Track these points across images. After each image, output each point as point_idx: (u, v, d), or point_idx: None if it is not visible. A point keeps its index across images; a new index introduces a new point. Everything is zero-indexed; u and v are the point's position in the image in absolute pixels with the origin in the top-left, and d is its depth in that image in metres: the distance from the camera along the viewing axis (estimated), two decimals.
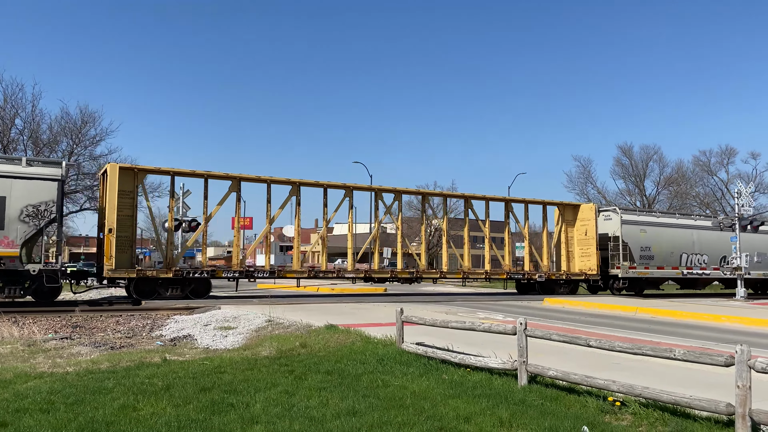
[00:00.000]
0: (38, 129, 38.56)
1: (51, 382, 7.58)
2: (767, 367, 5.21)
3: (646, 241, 29.31)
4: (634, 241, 29.02)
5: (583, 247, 29.07)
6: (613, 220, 29.17)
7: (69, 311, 15.88)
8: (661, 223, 30.91)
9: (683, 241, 30.72)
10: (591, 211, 29.27)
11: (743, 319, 16.40)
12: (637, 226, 29.57)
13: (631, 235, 28.98)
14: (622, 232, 28.59)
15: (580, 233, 29.26)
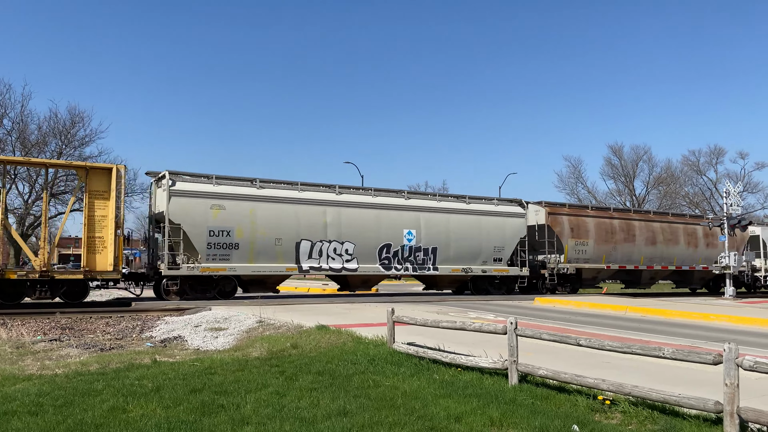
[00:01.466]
0: (26, 129, 38.30)
1: (39, 384, 7.53)
2: (755, 365, 5.26)
3: (223, 223, 20.41)
4: (201, 223, 20.06)
5: None
6: None
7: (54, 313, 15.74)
8: (263, 196, 21.43)
9: (302, 221, 21.89)
10: None
11: (731, 318, 16.52)
12: (204, 200, 20.25)
13: (196, 214, 20.00)
14: (177, 211, 19.71)
15: None
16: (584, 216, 28.95)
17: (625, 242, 29.59)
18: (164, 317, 15.30)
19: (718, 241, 30.47)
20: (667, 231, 31.38)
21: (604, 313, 18.95)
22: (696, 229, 32.32)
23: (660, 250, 30.85)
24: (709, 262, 31.90)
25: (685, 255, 31.78)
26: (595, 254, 28.51)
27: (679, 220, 32.82)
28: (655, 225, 31.19)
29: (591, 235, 28.41)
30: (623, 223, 29.92)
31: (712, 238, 31.93)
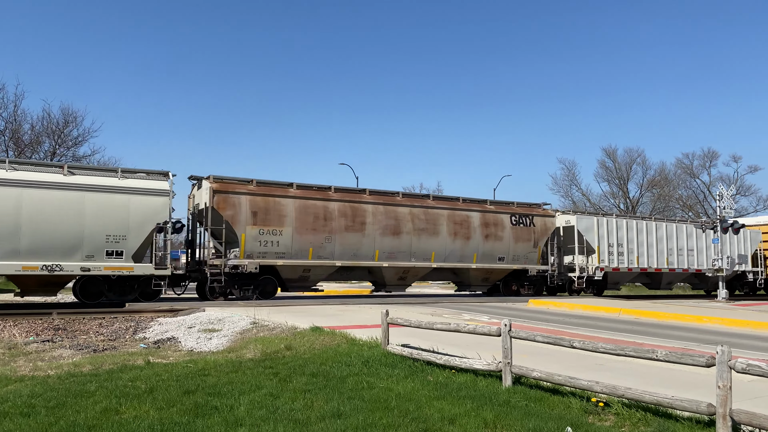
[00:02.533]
0: (20, 129, 38.14)
1: (32, 385, 7.49)
2: (747, 367, 5.28)
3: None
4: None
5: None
6: None
7: (50, 314, 15.67)
8: None
9: None
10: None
11: (724, 320, 16.59)
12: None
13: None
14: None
15: None
16: (279, 196, 21.72)
17: (347, 231, 22.78)
18: (158, 318, 15.25)
19: (502, 232, 26.19)
20: (422, 218, 24.53)
21: (597, 315, 19.01)
22: (470, 217, 25.81)
23: (408, 242, 24.13)
24: (488, 259, 26.10)
25: (450, 249, 25.23)
26: (296, 247, 21.71)
27: (442, 205, 25.51)
28: (401, 210, 24.13)
29: (289, 221, 21.58)
30: (345, 207, 22.92)
31: (495, 229, 26.23)
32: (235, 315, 14.75)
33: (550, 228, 28.11)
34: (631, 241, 29.72)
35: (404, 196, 25.44)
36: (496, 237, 26.30)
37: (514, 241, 26.75)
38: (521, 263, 27.04)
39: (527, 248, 27.11)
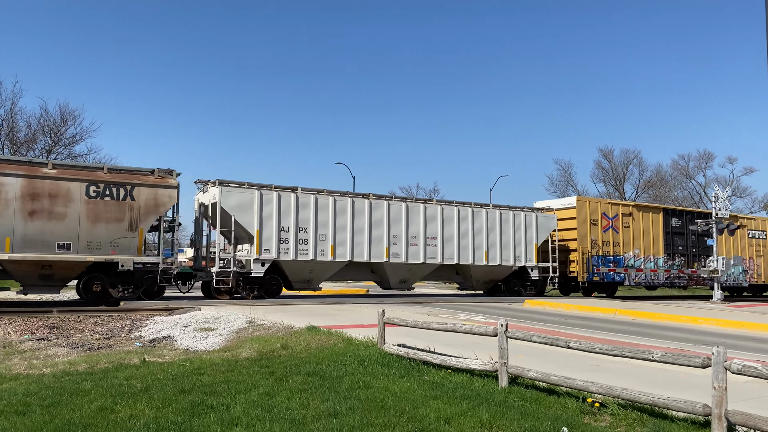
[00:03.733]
0: (16, 127, 38.03)
1: (27, 383, 7.46)
2: (743, 368, 5.30)
3: None
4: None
5: None
6: None
7: (46, 312, 15.64)
8: None
9: None
10: None
11: (720, 321, 16.65)
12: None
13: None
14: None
15: None
16: None
17: None
18: (153, 317, 15.22)
19: (68, 207, 17.52)
20: None
21: (593, 315, 19.05)
22: None
23: None
24: (37, 246, 17.14)
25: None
26: None
27: None
28: None
29: None
30: None
31: (52, 202, 17.43)
32: (231, 314, 14.73)
33: (165, 203, 19.12)
34: (322, 225, 22.25)
35: None
36: (52, 214, 17.42)
37: (90, 221, 17.84)
38: (106, 254, 18.00)
39: (118, 232, 18.16)
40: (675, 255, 30.89)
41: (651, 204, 32.47)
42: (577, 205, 28.47)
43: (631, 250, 29.28)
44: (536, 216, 27.27)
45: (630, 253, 29.26)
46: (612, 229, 28.89)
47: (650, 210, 31.04)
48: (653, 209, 31.32)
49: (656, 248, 30.36)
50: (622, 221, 29.28)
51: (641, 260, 29.67)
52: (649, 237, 30.19)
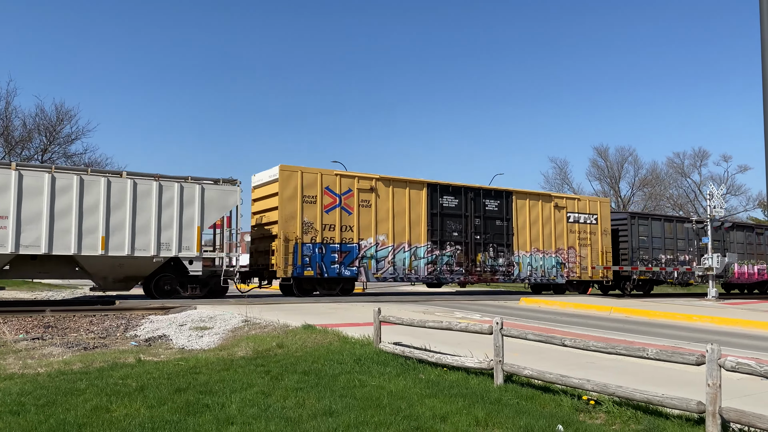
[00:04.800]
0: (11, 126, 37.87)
1: (21, 383, 7.44)
2: (737, 365, 5.32)
3: None
4: None
5: None
6: None
7: (40, 311, 15.59)
8: None
9: None
10: None
11: (714, 319, 16.71)
12: None
13: None
14: None
15: None
16: None
17: None
18: (149, 316, 15.19)
19: None
20: None
21: (588, 313, 19.09)
22: None
23: None
24: None
25: None
26: None
27: None
28: None
29: None
30: None
31: None
32: (226, 313, 14.71)
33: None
34: None
35: None
36: None
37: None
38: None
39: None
40: (446, 243, 24.70)
41: (407, 178, 24.19)
42: (282, 177, 21.63)
43: (372, 237, 22.87)
44: (201, 189, 19.52)
45: (370, 239, 22.83)
46: (342, 209, 22.42)
47: (407, 185, 24.12)
48: (412, 183, 24.28)
49: (416, 234, 24.09)
50: (359, 199, 22.68)
51: (388, 249, 23.17)
52: (403, 219, 23.73)
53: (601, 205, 29.73)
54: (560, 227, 27.87)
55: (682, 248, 31.78)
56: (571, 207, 28.42)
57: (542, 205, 27.50)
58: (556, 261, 27.49)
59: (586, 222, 28.77)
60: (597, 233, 28.95)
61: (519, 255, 26.54)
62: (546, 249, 27.32)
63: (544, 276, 27.09)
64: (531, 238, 26.90)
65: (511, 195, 26.79)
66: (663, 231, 31.13)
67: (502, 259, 26.05)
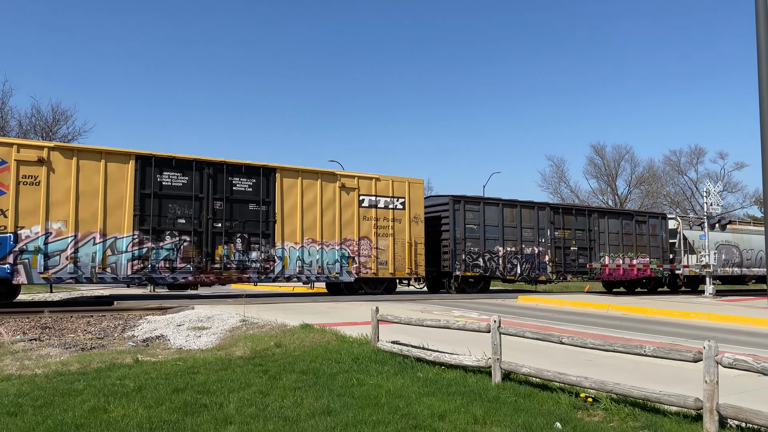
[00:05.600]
0: (7, 126, 37.80)
1: (19, 384, 7.43)
2: (734, 362, 5.33)
3: None
4: None
5: None
6: None
7: (38, 312, 15.56)
8: None
9: None
10: None
11: (711, 316, 16.75)
12: None
13: None
14: None
15: None
16: None
17: None
18: (146, 316, 15.18)
19: None
20: None
21: (586, 311, 19.12)
22: None
23: None
24: None
25: None
26: None
27: None
28: None
29: None
30: None
31: None
32: (224, 313, 14.71)
33: None
34: None
35: None
36: None
37: None
38: None
39: None
40: (165, 233, 19.16)
41: (104, 148, 18.59)
42: None
43: (40, 224, 17.21)
44: None
45: (36, 228, 17.19)
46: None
47: (103, 156, 18.37)
48: (111, 155, 18.52)
49: (115, 221, 18.37)
50: (19, 174, 17.04)
51: (67, 241, 17.56)
52: (95, 202, 18.03)
53: (411, 187, 24.03)
54: (349, 213, 22.48)
55: (530, 239, 26.96)
56: (366, 189, 23.01)
57: (322, 186, 22.03)
58: (342, 254, 22.22)
59: (388, 207, 23.29)
60: (404, 221, 23.61)
61: (285, 247, 21.06)
62: (327, 240, 21.91)
63: (323, 273, 21.81)
64: (305, 226, 21.49)
65: (273, 172, 21.18)
66: (501, 218, 26.24)
67: (256, 253, 20.55)
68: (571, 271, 28.05)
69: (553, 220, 27.66)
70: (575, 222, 28.53)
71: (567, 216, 28.32)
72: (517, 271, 26.51)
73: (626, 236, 30.12)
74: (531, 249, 27.04)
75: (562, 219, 28.08)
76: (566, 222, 28.19)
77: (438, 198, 26.61)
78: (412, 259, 23.76)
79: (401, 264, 23.48)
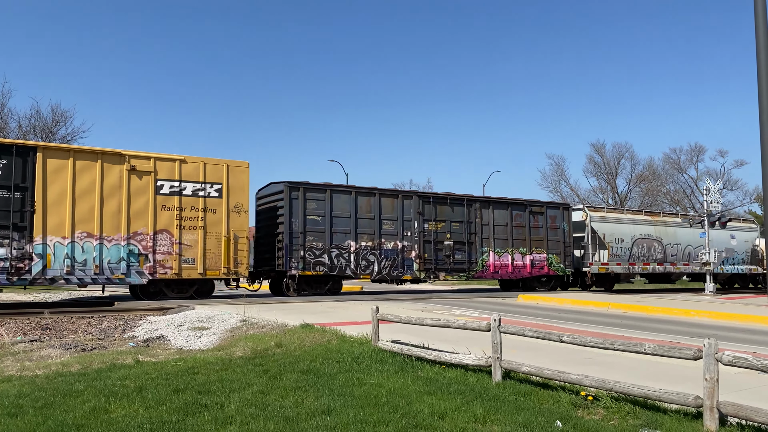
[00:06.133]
0: (6, 127, 37.81)
1: (19, 385, 7.43)
2: (734, 360, 5.34)
3: None
4: None
5: None
6: None
7: (38, 313, 15.57)
8: None
9: None
10: None
11: (711, 314, 16.76)
12: None
13: None
14: None
15: None
16: None
17: None
18: (147, 317, 15.19)
19: None
20: None
21: (586, 309, 19.13)
22: None
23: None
24: None
25: None
26: None
27: None
28: None
29: None
30: None
31: None
32: (224, 313, 14.71)
33: None
34: None
35: None
36: None
37: None
38: None
39: None
40: None
41: None
42: None
43: None
44: None
45: None
46: None
47: None
48: None
49: None
50: None
51: None
52: None
53: (232, 171, 20.39)
54: (142, 201, 18.83)
55: (392, 232, 23.68)
56: (167, 173, 19.33)
57: (104, 169, 18.31)
58: (130, 252, 18.55)
59: (198, 194, 19.69)
60: (220, 211, 20.00)
61: (49, 243, 17.36)
62: (109, 234, 18.26)
63: (102, 273, 18.15)
64: (77, 217, 17.85)
65: (32, 152, 17.49)
66: (354, 208, 22.91)
67: (4, 250, 16.81)
68: (444, 268, 24.85)
69: (422, 210, 24.41)
70: (451, 213, 25.16)
71: (440, 206, 24.99)
72: (374, 269, 23.26)
73: (517, 229, 26.72)
74: (393, 244, 23.71)
75: (434, 209, 24.78)
76: (439, 213, 24.91)
77: (276, 185, 23.13)
78: (231, 257, 20.03)
79: (215, 262, 19.77)
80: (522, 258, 26.75)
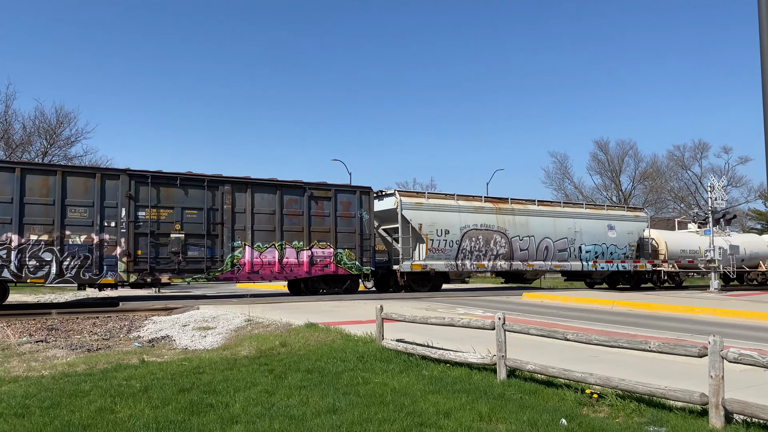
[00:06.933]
0: (11, 129, 37.95)
1: (26, 386, 7.46)
2: (739, 357, 5.33)
3: None
4: None
5: None
6: None
7: (44, 314, 15.63)
8: None
9: None
10: None
11: (716, 311, 16.70)
12: None
13: None
14: None
15: None
16: None
17: None
18: (152, 317, 15.22)
19: None
20: None
21: (591, 307, 19.09)
22: None
23: None
24: None
25: None
26: None
27: None
28: None
29: None
30: None
31: None
32: (229, 313, 14.74)
33: None
34: None
35: None
36: None
37: None
38: None
39: None
40: None
41: None
42: None
43: None
44: None
45: None
46: None
47: None
48: None
49: None
50: None
51: None
52: None
53: None
54: None
55: (85, 222, 18.23)
56: None
57: None
58: None
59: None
60: None
61: None
62: None
63: None
64: None
65: None
66: (20, 191, 17.37)
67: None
68: (170, 268, 19.42)
69: (135, 193, 18.95)
70: (184, 197, 19.73)
71: (166, 188, 19.49)
72: (52, 271, 17.72)
73: (291, 218, 21.56)
74: (86, 237, 18.26)
75: (156, 193, 19.28)
76: (164, 197, 19.44)
77: None
78: None
79: None
80: (297, 254, 21.57)
